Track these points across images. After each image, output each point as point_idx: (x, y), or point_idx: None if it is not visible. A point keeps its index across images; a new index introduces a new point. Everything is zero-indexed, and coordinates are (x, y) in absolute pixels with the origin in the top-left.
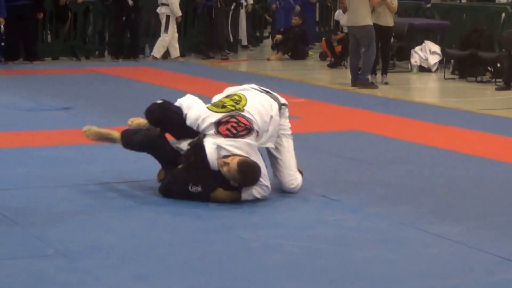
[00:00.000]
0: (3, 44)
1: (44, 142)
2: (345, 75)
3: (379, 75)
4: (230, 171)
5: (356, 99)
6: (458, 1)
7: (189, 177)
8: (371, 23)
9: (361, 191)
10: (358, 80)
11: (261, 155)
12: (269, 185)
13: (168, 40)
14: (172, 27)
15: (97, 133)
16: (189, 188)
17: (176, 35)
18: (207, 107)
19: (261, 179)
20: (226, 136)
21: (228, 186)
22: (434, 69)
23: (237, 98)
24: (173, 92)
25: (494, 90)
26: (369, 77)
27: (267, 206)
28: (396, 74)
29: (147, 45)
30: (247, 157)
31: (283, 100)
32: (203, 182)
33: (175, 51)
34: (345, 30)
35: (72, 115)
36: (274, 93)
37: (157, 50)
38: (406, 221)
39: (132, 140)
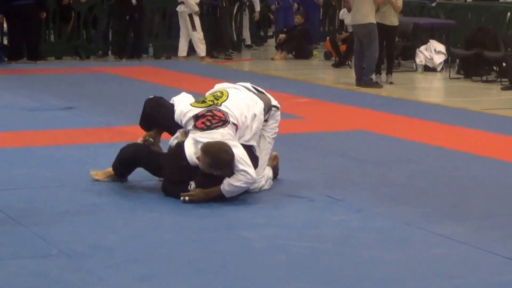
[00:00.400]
0: (6, 43)
1: (47, 142)
2: (349, 74)
3: (384, 74)
4: (201, 160)
5: (361, 99)
6: (463, 0)
7: (182, 176)
8: (374, 22)
9: (365, 191)
10: (362, 80)
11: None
12: (249, 171)
13: (200, 36)
14: (198, 23)
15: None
16: (189, 187)
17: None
18: (190, 104)
19: (236, 163)
20: (202, 129)
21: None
22: (439, 68)
23: (218, 94)
24: (176, 92)
25: (500, 90)
26: (374, 76)
27: (271, 206)
28: (401, 74)
29: (150, 44)
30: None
31: (275, 102)
32: (196, 180)
33: (184, 50)
34: (350, 29)
35: (75, 115)
36: (268, 95)
37: (199, 49)
38: (411, 221)
39: (116, 163)
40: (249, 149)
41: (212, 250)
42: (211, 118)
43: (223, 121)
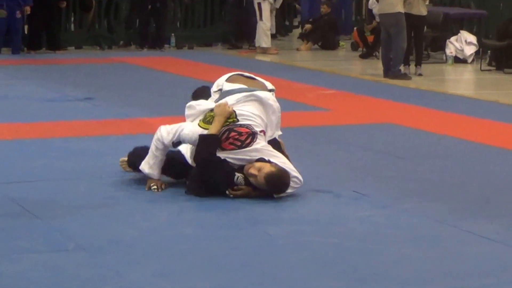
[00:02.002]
0: (25, 33)
1: (65, 133)
2: (377, 66)
3: (412, 66)
4: (259, 183)
5: (388, 91)
6: None
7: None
8: (402, 11)
9: (393, 186)
10: (390, 72)
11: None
12: (299, 176)
13: (266, 27)
14: (266, 13)
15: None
16: (236, 179)
17: (273, 23)
18: (198, 125)
19: (291, 172)
20: (232, 150)
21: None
22: (470, 60)
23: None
24: (198, 83)
25: None
26: (402, 68)
27: (295, 201)
28: (431, 65)
29: (172, 34)
30: (272, 166)
31: (270, 86)
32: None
33: (266, 41)
34: (378, 19)
35: (95, 106)
36: (260, 80)
37: (262, 40)
38: (439, 218)
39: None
40: (274, 141)
41: (234, 246)
42: (238, 137)
43: (252, 134)
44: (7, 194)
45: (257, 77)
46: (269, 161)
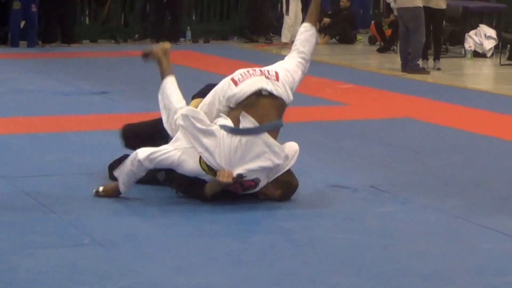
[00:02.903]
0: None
1: (80, 127)
2: (394, 60)
3: (431, 60)
4: (270, 197)
5: (406, 85)
6: None
7: None
8: (421, 5)
9: (411, 182)
10: (408, 66)
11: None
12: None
13: (290, 22)
14: (294, 8)
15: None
16: None
17: (300, 17)
18: (200, 165)
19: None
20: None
21: None
22: (489, 54)
23: None
24: (213, 76)
25: None
26: (420, 62)
27: (312, 196)
28: (449, 60)
29: (188, 27)
30: (284, 186)
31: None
32: None
33: (286, 36)
34: (396, 13)
35: (110, 100)
36: (261, 69)
37: (283, 35)
38: (459, 214)
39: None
40: None
41: (251, 241)
42: (241, 187)
43: (255, 184)
44: (22, 188)
45: (278, 94)
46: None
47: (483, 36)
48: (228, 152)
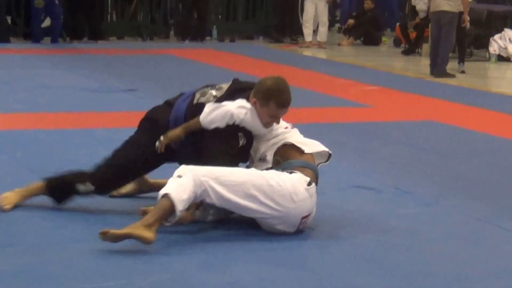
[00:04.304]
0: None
1: (108, 124)
2: (419, 62)
3: (455, 63)
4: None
5: (431, 88)
6: None
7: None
8: (457, 11)
9: (435, 183)
10: (436, 70)
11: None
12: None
13: (303, 20)
14: (307, 6)
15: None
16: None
17: (323, 19)
18: None
19: None
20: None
21: None
22: None
23: None
24: (239, 76)
25: None
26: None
27: (336, 197)
28: (474, 63)
29: (214, 26)
30: None
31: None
32: None
33: (308, 35)
34: (421, 15)
35: (138, 97)
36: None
37: (305, 35)
38: (482, 217)
39: None
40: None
41: (275, 240)
42: None
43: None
44: None
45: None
46: None
47: (507, 40)
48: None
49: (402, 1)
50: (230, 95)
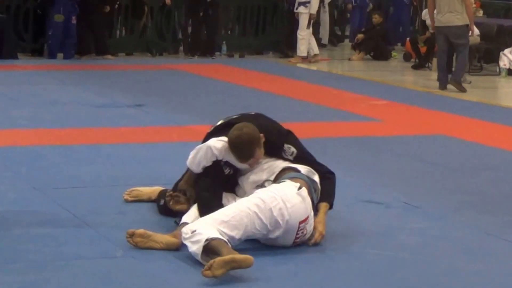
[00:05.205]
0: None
1: (115, 139)
2: (429, 76)
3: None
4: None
5: (441, 102)
6: None
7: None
8: (468, 23)
9: (445, 198)
10: (452, 77)
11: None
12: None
13: (301, 36)
14: (303, 22)
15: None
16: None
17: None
18: None
19: None
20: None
21: None
22: None
23: None
24: (249, 91)
25: None
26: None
27: (345, 212)
28: (484, 77)
29: (224, 42)
30: None
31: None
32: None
33: (304, 50)
34: (431, 30)
35: (145, 113)
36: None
37: (298, 50)
38: (492, 231)
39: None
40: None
41: (283, 256)
42: None
43: None
44: (55, 199)
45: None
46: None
47: None
48: None
49: (412, 16)
50: (215, 131)
